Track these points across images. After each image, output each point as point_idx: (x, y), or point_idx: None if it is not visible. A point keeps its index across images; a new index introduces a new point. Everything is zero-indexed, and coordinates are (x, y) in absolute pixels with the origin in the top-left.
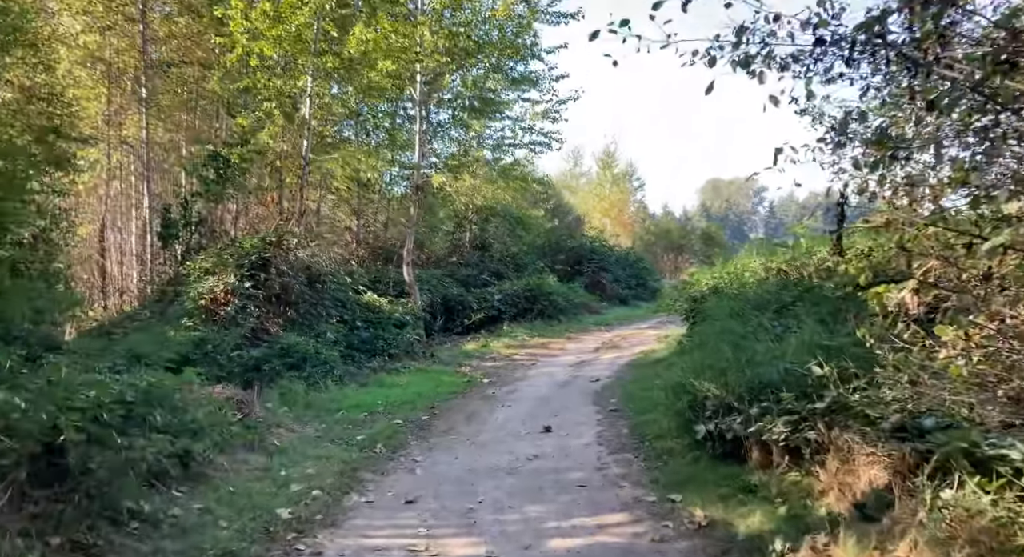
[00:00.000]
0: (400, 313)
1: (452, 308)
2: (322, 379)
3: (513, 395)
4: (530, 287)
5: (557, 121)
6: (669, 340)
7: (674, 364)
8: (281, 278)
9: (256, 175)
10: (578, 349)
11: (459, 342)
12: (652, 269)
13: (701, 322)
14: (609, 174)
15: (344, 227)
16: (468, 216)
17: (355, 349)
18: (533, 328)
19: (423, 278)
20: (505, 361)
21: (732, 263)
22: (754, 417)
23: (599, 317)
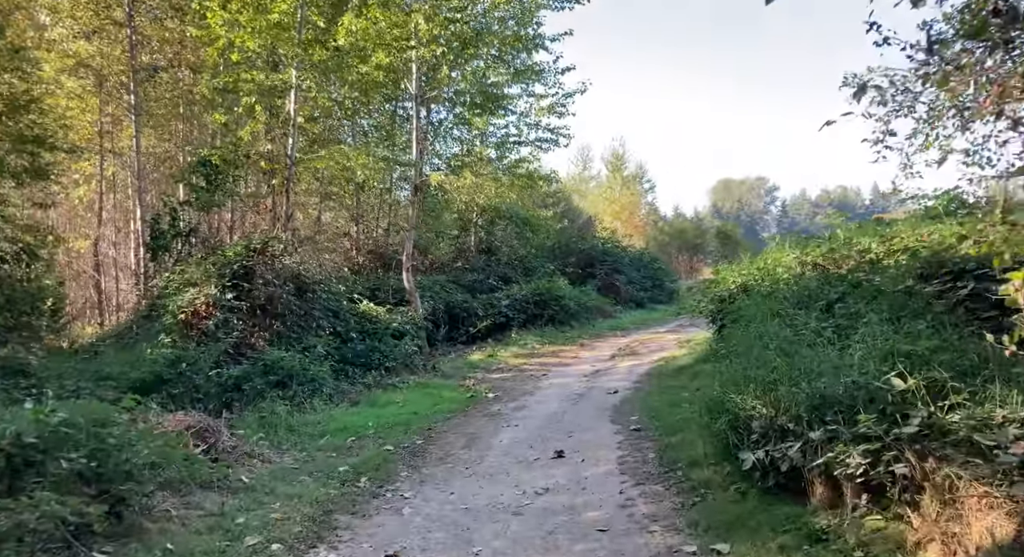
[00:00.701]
0: (399, 323)
1: (456, 316)
2: (309, 398)
3: (521, 412)
4: (539, 291)
5: (564, 116)
6: (692, 345)
7: (702, 373)
8: (266, 288)
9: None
10: (593, 357)
11: (464, 352)
12: (668, 270)
13: (732, 325)
14: (619, 177)
15: (343, 233)
16: (473, 218)
17: (348, 363)
18: (543, 335)
19: (425, 285)
20: (513, 372)
21: (762, 258)
22: (818, 444)
23: (614, 321)
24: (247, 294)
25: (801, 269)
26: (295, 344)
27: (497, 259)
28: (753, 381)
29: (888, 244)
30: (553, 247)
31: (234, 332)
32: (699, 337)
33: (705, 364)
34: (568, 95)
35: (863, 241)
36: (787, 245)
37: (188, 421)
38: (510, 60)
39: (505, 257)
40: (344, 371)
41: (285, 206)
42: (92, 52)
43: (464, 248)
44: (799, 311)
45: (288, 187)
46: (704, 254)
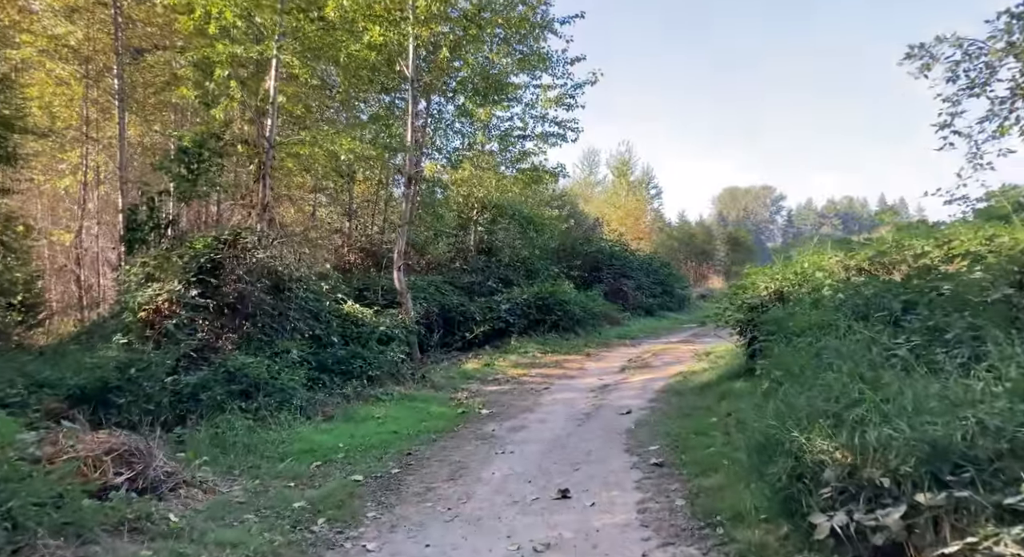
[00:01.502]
0: (387, 326)
1: (452, 319)
2: (276, 411)
3: (519, 435)
4: (542, 295)
5: (573, 108)
6: (713, 358)
7: (733, 393)
8: (237, 285)
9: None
10: (600, 369)
11: (458, 360)
12: (679, 275)
13: (769, 338)
14: (625, 182)
15: (334, 229)
16: (473, 216)
17: (326, 371)
18: (546, 343)
19: (419, 285)
20: (511, 385)
21: (798, 262)
22: (934, 513)
23: (622, 329)
24: (215, 291)
25: (846, 274)
26: (267, 348)
27: (498, 260)
28: (822, 415)
29: (946, 248)
30: (558, 249)
31: (198, 333)
32: (720, 349)
33: (734, 382)
34: (577, 86)
35: (916, 244)
36: (828, 247)
37: (111, 443)
38: (516, 43)
39: (507, 258)
40: (320, 380)
41: (261, 194)
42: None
43: (463, 247)
44: (857, 323)
45: (265, 173)
46: (714, 261)
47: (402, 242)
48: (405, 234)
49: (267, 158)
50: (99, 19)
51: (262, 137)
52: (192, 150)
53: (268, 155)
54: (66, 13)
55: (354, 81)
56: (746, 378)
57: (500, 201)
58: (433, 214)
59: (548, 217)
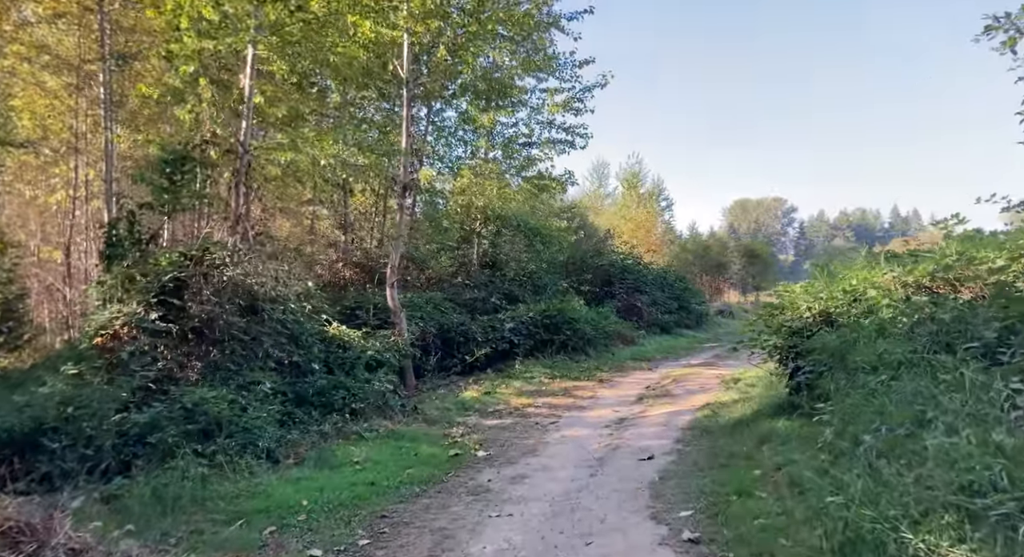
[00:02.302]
0: (376, 350)
1: (451, 340)
2: (237, 455)
3: (519, 488)
4: (550, 313)
5: (582, 113)
6: (743, 387)
7: (777, 436)
8: (203, 307)
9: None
10: (615, 398)
11: (457, 386)
12: (696, 290)
13: (823, 370)
14: (635, 194)
15: (328, 244)
16: (476, 228)
17: (305, 403)
18: (554, 366)
19: (416, 303)
20: (514, 417)
21: (845, 278)
22: None
23: (637, 349)
24: (179, 314)
25: (904, 292)
26: (236, 378)
27: (503, 274)
28: (944, 505)
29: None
30: (566, 262)
31: (158, 363)
32: (750, 375)
33: (775, 420)
34: (586, 89)
35: (988, 256)
36: (882, 260)
37: None
38: (520, 42)
39: (512, 272)
40: (294, 415)
41: (235, 205)
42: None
43: (465, 262)
44: (943, 357)
45: (239, 181)
46: (729, 274)
47: (396, 256)
48: (400, 247)
49: (242, 164)
50: (85, 24)
51: (237, 141)
52: (174, 159)
53: (243, 161)
54: (51, 19)
55: (348, 85)
56: (790, 416)
57: (505, 212)
58: (435, 227)
59: (556, 228)
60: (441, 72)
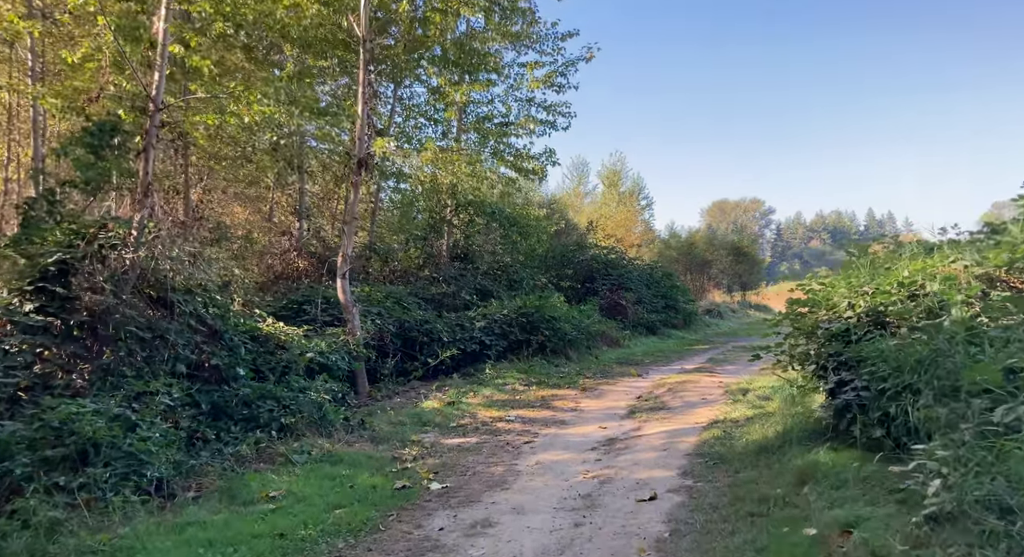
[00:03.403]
0: (320, 351)
1: (413, 340)
2: (115, 489)
3: (480, 544)
4: (527, 310)
5: (564, 89)
6: (754, 399)
7: (823, 472)
8: (96, 297)
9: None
10: (602, 411)
11: (417, 394)
12: (684, 288)
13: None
14: (615, 192)
15: (281, 232)
16: (446, 216)
17: (222, 417)
18: (530, 371)
19: (374, 297)
20: (481, 435)
21: (901, 269)
22: None
23: (622, 352)
24: (63, 306)
25: (980, 285)
26: (132, 386)
27: (475, 268)
28: None
29: None
30: (546, 256)
31: (34, 366)
32: (760, 385)
33: (814, 449)
34: (569, 63)
35: None
36: (945, 247)
37: None
38: None
39: (485, 265)
40: (206, 434)
41: (143, 173)
42: None
43: (434, 253)
44: None
45: (149, 144)
46: (715, 273)
47: (349, 243)
48: (352, 233)
49: (152, 125)
50: None
51: (147, 97)
52: (100, 130)
53: (154, 120)
54: None
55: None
56: (833, 444)
57: (478, 197)
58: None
59: (535, 218)
60: (405, 32)
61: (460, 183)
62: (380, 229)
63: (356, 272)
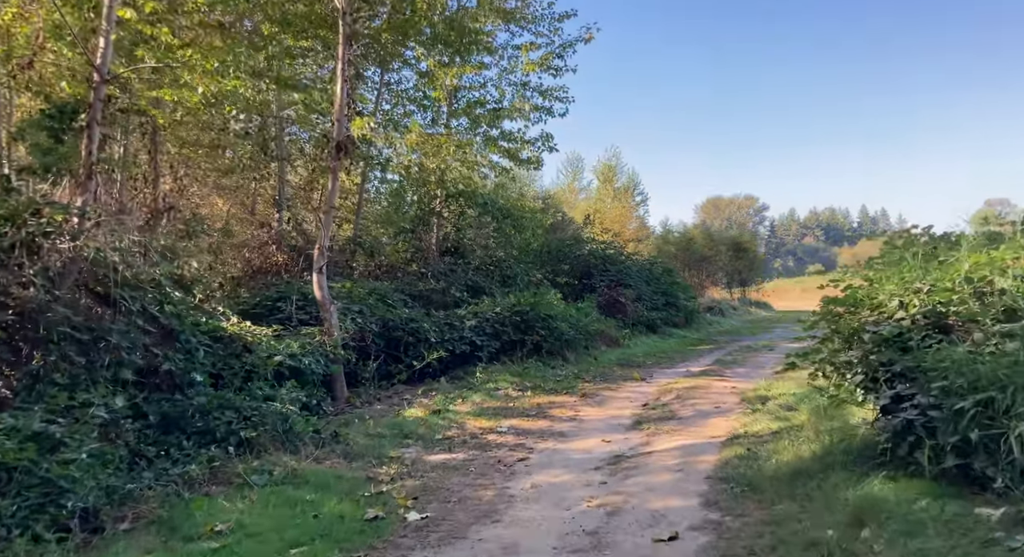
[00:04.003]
0: (291, 354)
1: (398, 341)
2: (24, 524)
3: None
4: (521, 309)
5: (561, 73)
6: (775, 408)
7: (880, 510)
8: (26, 292)
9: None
10: (605, 421)
11: (400, 400)
12: (684, 285)
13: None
14: (610, 188)
15: (260, 223)
16: (435, 207)
17: (173, 430)
18: (525, 374)
19: (355, 294)
20: (469, 450)
21: (959, 262)
22: None
23: (622, 352)
24: None
25: None
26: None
27: (466, 262)
28: None
29: None
30: (541, 250)
31: None
32: (780, 391)
33: (870, 480)
34: (567, 45)
35: None
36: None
37: None
38: None
39: (477, 260)
40: (149, 452)
41: (86, 153)
42: None
43: (422, 247)
44: None
45: (94, 120)
46: (714, 269)
47: (326, 234)
48: (330, 224)
49: (97, 97)
50: None
51: (91, 66)
52: (60, 112)
53: (98, 94)
54: None
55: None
56: (891, 471)
57: (469, 186)
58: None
59: (529, 210)
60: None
61: (449, 170)
62: (366, 221)
63: (340, 267)
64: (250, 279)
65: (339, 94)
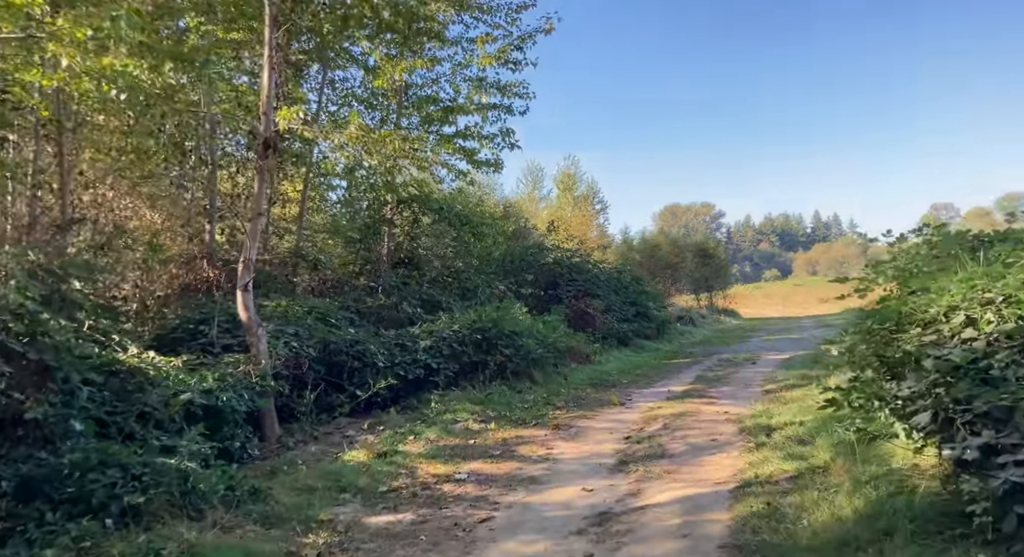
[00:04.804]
0: (206, 389)
1: (340, 366)
2: None
3: None
4: (483, 325)
5: (520, 67)
6: (783, 441)
7: None
8: None
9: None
10: (583, 460)
11: (341, 438)
12: (654, 293)
13: None
14: (570, 196)
15: (190, 235)
16: (386, 214)
17: (38, 496)
18: (488, 401)
19: (290, 314)
20: (419, 509)
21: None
22: None
23: (594, 370)
24: None
25: None
26: None
27: (420, 274)
28: None
29: None
30: (503, 260)
31: None
32: (784, 420)
33: None
34: (526, 36)
35: None
36: None
37: None
38: None
39: (434, 271)
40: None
41: None
42: None
43: (372, 259)
44: None
45: None
46: (680, 276)
47: (253, 246)
48: (257, 233)
49: None
50: None
51: None
52: None
53: None
54: None
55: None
56: (997, 554)
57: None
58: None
59: (490, 216)
60: None
61: (399, 173)
62: (310, 232)
63: (280, 283)
64: (178, 298)
65: (266, 84)
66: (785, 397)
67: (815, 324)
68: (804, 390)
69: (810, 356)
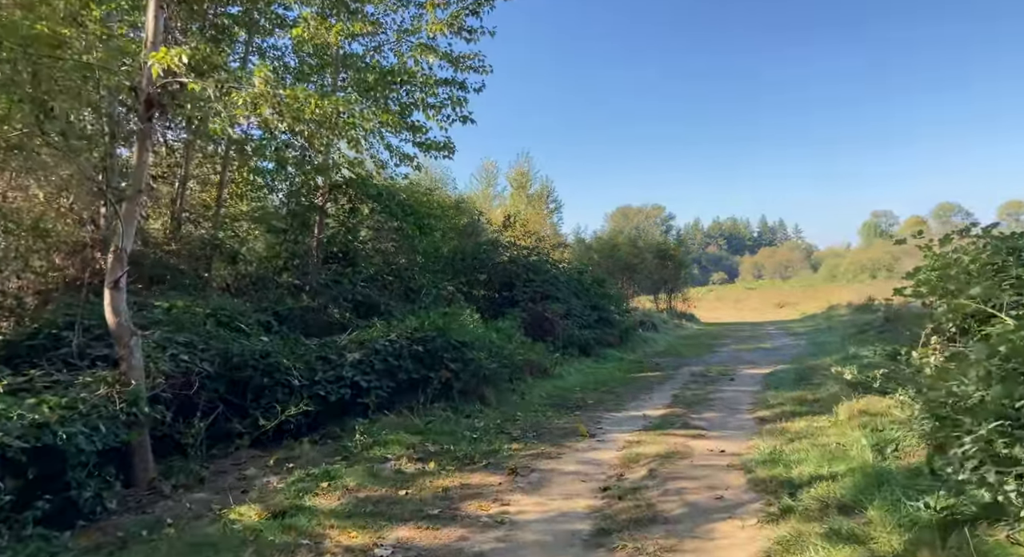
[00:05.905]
0: (39, 424)
1: (246, 383)
2: None
3: None
4: (426, 334)
5: (476, 36)
6: (817, 507)
7: None
8: None
9: None
10: (548, 524)
11: (236, 481)
12: (616, 296)
13: None
14: (523, 194)
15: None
16: (318, 202)
17: None
18: (428, 430)
19: (183, 318)
20: None
21: None
22: None
23: (555, 385)
24: None
25: None
26: None
27: (356, 272)
28: None
29: None
30: (453, 257)
31: None
32: (807, 471)
33: None
34: (482, 2)
35: None
36: None
37: None
38: None
39: (373, 269)
40: None
41: None
42: None
43: (299, 253)
44: None
45: None
46: (642, 278)
47: (128, 232)
48: (134, 218)
49: None
50: None
51: None
52: None
53: None
54: None
55: None
56: None
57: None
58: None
59: (439, 206)
60: None
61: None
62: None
63: (190, 278)
64: (63, 295)
65: (151, 24)
66: (789, 430)
67: (781, 332)
68: (808, 420)
69: (792, 371)
